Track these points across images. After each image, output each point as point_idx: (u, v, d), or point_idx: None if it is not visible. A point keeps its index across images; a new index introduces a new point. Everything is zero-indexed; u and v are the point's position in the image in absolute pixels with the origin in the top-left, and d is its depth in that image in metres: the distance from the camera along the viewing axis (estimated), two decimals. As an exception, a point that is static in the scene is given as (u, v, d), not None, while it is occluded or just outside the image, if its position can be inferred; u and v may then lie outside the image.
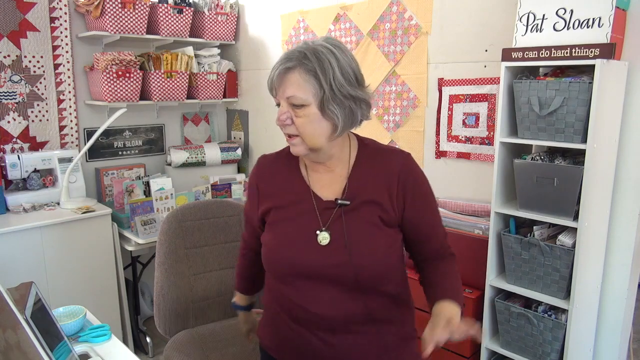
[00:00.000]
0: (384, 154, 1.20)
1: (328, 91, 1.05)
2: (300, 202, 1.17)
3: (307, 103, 1.05)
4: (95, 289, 2.49)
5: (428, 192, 1.21)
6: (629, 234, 1.78)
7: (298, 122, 1.07)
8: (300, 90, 1.05)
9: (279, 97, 1.08)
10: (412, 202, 1.16)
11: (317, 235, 1.12)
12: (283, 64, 1.06)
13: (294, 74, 1.05)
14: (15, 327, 0.87)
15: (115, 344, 1.31)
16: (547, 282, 1.73)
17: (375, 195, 1.14)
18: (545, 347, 1.75)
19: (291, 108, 1.07)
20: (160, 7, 2.76)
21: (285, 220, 1.18)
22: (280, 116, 1.08)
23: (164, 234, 1.84)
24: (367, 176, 1.16)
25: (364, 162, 1.18)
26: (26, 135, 2.62)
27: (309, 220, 1.14)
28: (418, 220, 1.17)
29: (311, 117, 1.06)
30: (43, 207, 2.50)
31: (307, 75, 1.04)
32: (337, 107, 1.07)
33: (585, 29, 1.60)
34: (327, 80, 1.04)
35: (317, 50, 1.06)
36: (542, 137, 1.68)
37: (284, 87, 1.06)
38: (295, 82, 1.05)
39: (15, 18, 2.50)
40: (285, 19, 2.92)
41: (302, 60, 1.05)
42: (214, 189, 2.91)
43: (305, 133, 1.08)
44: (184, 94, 2.95)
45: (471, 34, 2.11)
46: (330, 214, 1.14)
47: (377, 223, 1.13)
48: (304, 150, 1.11)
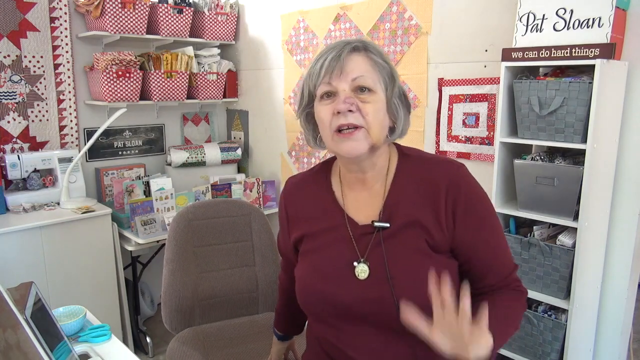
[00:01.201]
0: (429, 164, 1.01)
1: (397, 83, 0.95)
2: (334, 229, 1.01)
3: (375, 88, 0.92)
4: (95, 289, 2.49)
5: (486, 210, 0.99)
6: (629, 234, 1.78)
7: (367, 108, 0.91)
8: (369, 72, 0.92)
9: (338, 82, 0.91)
10: (464, 223, 0.95)
11: (355, 267, 0.96)
12: (345, 45, 0.92)
13: (360, 55, 0.92)
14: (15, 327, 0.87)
15: (115, 344, 1.31)
16: (547, 282, 1.73)
17: (418, 215, 0.96)
18: (545, 347, 1.75)
19: (354, 95, 0.91)
20: (160, 7, 2.76)
21: (318, 250, 1.02)
22: (345, 99, 0.90)
23: (172, 231, 1.85)
24: (409, 192, 0.98)
25: (406, 175, 1.01)
26: (26, 135, 2.62)
27: (344, 250, 0.99)
28: (472, 245, 0.97)
29: (379, 105, 0.92)
30: (43, 207, 2.50)
31: (375, 60, 0.93)
32: (400, 104, 0.96)
33: (585, 29, 1.60)
34: (392, 70, 0.94)
35: (372, 43, 0.96)
36: (542, 137, 1.68)
37: (349, 68, 0.90)
38: (365, 63, 0.92)
39: (15, 18, 2.50)
40: (285, 19, 2.92)
41: (366, 45, 0.94)
42: (214, 189, 2.91)
43: (373, 122, 0.91)
44: (184, 94, 2.95)
45: (471, 34, 2.11)
46: (369, 242, 0.97)
47: (424, 249, 0.95)
48: (366, 146, 0.92)
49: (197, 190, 2.83)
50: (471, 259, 0.98)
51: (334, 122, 0.91)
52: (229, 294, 1.91)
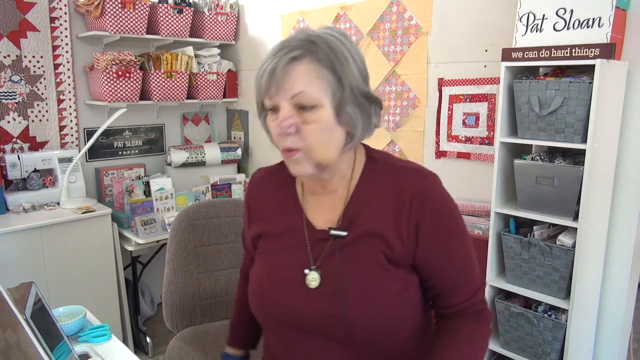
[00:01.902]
0: (397, 171, 0.92)
1: (348, 88, 0.82)
2: (291, 231, 0.95)
3: (319, 103, 0.81)
4: (95, 289, 2.48)
5: (455, 226, 0.90)
6: (629, 234, 1.78)
7: (307, 130, 0.81)
8: (311, 86, 0.80)
9: (277, 98, 0.82)
10: (429, 238, 0.88)
11: (306, 275, 0.90)
12: (285, 53, 0.80)
13: (301, 65, 0.80)
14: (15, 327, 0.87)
15: (115, 344, 1.31)
16: (547, 282, 1.73)
17: (379, 225, 0.88)
18: (545, 347, 1.75)
19: (297, 111, 0.81)
20: (160, 7, 2.76)
21: (273, 253, 0.96)
22: (281, 123, 0.81)
23: (174, 230, 1.86)
24: (372, 200, 0.90)
25: (371, 181, 0.93)
26: (26, 135, 2.62)
27: (299, 255, 0.92)
28: (437, 263, 0.90)
29: (324, 123, 0.82)
30: (43, 207, 2.50)
31: (320, 66, 0.80)
32: (356, 109, 0.84)
33: (585, 29, 1.60)
34: (344, 73, 0.82)
35: (325, 38, 0.83)
36: (542, 137, 1.68)
37: (289, 83, 0.80)
38: (305, 75, 0.80)
39: (15, 18, 2.50)
40: (285, 19, 2.92)
41: (310, 47, 0.81)
42: (214, 189, 2.91)
43: (315, 145, 0.82)
44: (184, 94, 2.95)
45: (471, 34, 2.11)
46: (323, 248, 0.91)
47: (381, 262, 0.87)
48: (310, 168, 0.85)
49: (197, 190, 2.83)
50: (435, 277, 0.91)
51: (279, 142, 0.85)
52: (230, 294, 1.91)
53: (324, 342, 0.89)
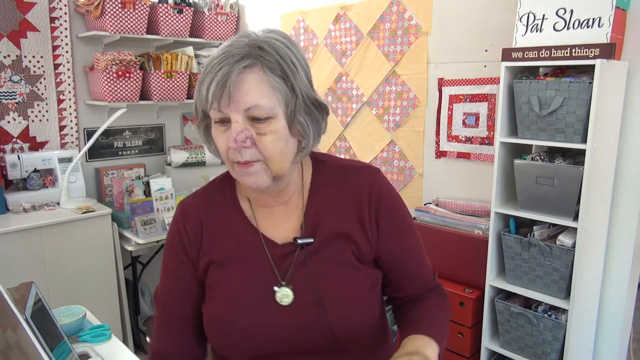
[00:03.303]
0: (347, 171, 0.93)
1: (299, 96, 0.80)
2: (248, 252, 0.89)
3: (273, 114, 0.78)
4: (95, 289, 2.48)
5: (406, 216, 0.95)
6: (629, 234, 1.78)
7: (264, 141, 0.78)
8: (265, 97, 0.77)
9: (229, 111, 0.77)
10: (388, 231, 0.91)
11: (275, 293, 0.85)
12: (236, 62, 0.76)
13: (252, 74, 0.76)
14: (15, 327, 0.87)
15: (115, 344, 1.31)
16: (547, 282, 1.73)
17: (344, 226, 0.88)
18: (545, 347, 1.75)
19: (250, 124, 0.78)
20: (160, 7, 2.76)
21: (231, 279, 0.88)
22: (236, 136, 0.77)
23: None
24: (329, 202, 0.90)
25: (324, 184, 0.92)
26: (26, 135, 2.62)
27: (262, 275, 0.87)
28: (397, 254, 0.93)
29: (279, 133, 0.79)
30: (43, 207, 2.50)
31: (272, 74, 0.77)
32: (307, 118, 0.82)
33: (585, 29, 1.60)
34: (296, 81, 0.79)
35: (272, 43, 0.79)
36: (542, 137, 1.68)
37: (241, 95, 0.76)
38: (258, 85, 0.76)
39: (15, 18, 2.50)
40: (285, 19, 2.92)
41: (259, 54, 0.77)
42: (214, 189, 2.91)
43: (273, 154, 0.79)
44: (184, 94, 2.95)
45: (471, 34, 2.11)
46: (290, 262, 0.87)
47: (352, 262, 0.88)
48: (267, 180, 0.82)
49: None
50: (396, 268, 0.93)
51: (230, 154, 0.80)
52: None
53: (307, 359, 0.86)
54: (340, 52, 2.66)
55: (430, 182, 2.35)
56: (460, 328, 1.97)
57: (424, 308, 0.94)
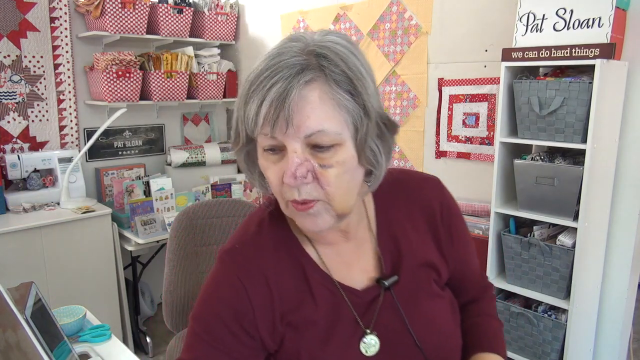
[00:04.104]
0: (410, 186, 0.80)
1: (372, 115, 0.64)
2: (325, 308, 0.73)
3: (340, 141, 0.62)
4: (95, 289, 2.48)
5: (466, 226, 0.87)
6: (629, 234, 1.78)
7: (327, 175, 0.63)
8: (331, 120, 0.61)
9: (284, 138, 0.61)
10: (458, 242, 0.82)
11: (360, 345, 0.72)
12: (295, 75, 0.59)
13: (316, 90, 0.60)
14: (15, 327, 0.87)
15: (115, 344, 1.31)
16: (547, 282, 1.73)
17: (423, 251, 0.77)
18: (545, 347, 1.75)
19: (310, 153, 0.62)
20: (160, 7, 2.76)
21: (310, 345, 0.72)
22: (294, 171, 0.61)
23: (174, 230, 1.86)
24: (403, 227, 0.77)
25: (389, 206, 0.79)
26: (26, 135, 2.62)
27: (346, 330, 0.73)
28: (464, 264, 0.85)
29: (346, 165, 0.63)
30: (43, 207, 2.50)
31: (338, 90, 0.61)
32: (378, 142, 0.67)
33: (585, 29, 1.60)
34: (366, 96, 0.62)
35: (334, 49, 0.62)
36: (542, 137, 1.68)
37: (302, 118, 0.59)
38: (321, 105, 0.60)
39: (15, 18, 2.50)
40: (285, 19, 2.92)
41: (322, 65, 0.61)
42: (214, 189, 2.91)
43: (336, 192, 0.64)
44: (184, 94, 2.95)
45: (471, 34, 2.11)
46: (375, 308, 0.74)
47: (436, 291, 0.78)
48: (331, 221, 0.67)
49: (197, 190, 2.83)
50: (461, 275, 0.85)
51: (284, 191, 0.65)
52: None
53: None
54: (340, 52, 2.66)
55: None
56: (460, 328, 1.97)
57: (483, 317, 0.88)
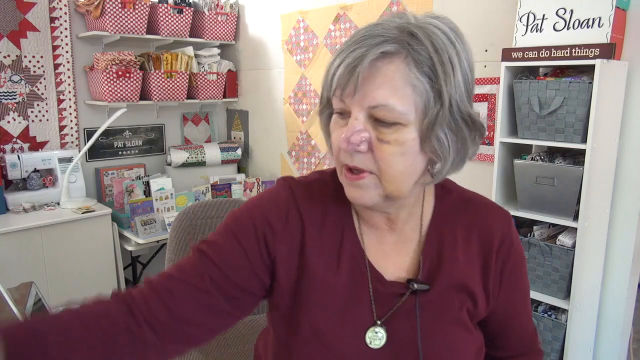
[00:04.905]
0: (477, 207, 0.77)
1: (447, 106, 0.62)
2: (348, 277, 0.72)
3: (404, 121, 0.61)
4: (95, 289, 2.48)
5: (526, 271, 0.81)
6: (629, 234, 1.78)
7: (383, 150, 0.62)
8: (399, 97, 0.60)
9: (351, 102, 0.62)
10: (510, 285, 0.76)
11: (367, 332, 0.70)
12: (377, 44, 0.60)
13: (391, 64, 0.60)
14: (15, 327, 0.87)
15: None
16: (547, 282, 1.73)
17: (466, 276, 0.73)
18: (545, 347, 1.75)
19: (372, 125, 0.62)
20: (160, 7, 2.76)
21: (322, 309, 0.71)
22: (350, 136, 0.62)
23: (174, 230, 1.86)
24: (452, 243, 0.74)
25: (448, 218, 0.76)
26: (26, 135, 2.62)
27: (359, 311, 0.71)
28: (509, 309, 0.79)
29: (406, 146, 0.62)
30: (43, 207, 2.50)
31: (416, 70, 0.60)
32: (450, 135, 0.64)
33: (585, 29, 1.60)
34: (447, 84, 0.62)
35: (431, 33, 0.62)
36: (542, 137, 1.68)
37: (370, 88, 0.60)
38: (394, 80, 0.60)
39: (15, 18, 2.50)
40: (285, 19, 2.92)
41: (408, 41, 0.61)
42: (214, 189, 2.91)
43: (391, 170, 0.63)
44: (184, 94, 2.95)
45: (471, 34, 2.10)
46: (394, 303, 0.71)
47: (466, 322, 0.73)
48: (377, 198, 0.66)
49: (197, 190, 2.83)
50: (504, 326, 0.80)
51: (340, 155, 0.65)
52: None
53: None
54: (340, 52, 2.65)
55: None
56: (460, 328, 1.97)
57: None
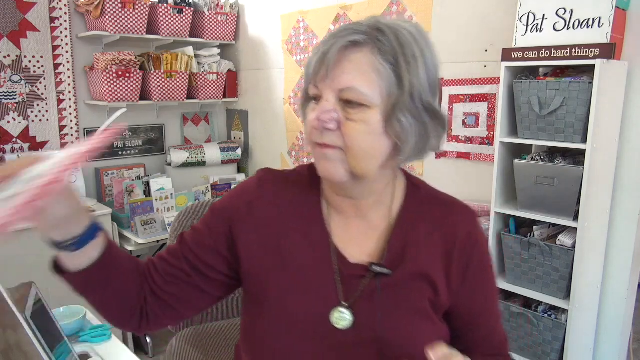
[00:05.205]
0: (443, 206, 0.83)
1: (407, 92, 0.69)
2: (314, 262, 0.77)
3: (369, 103, 0.68)
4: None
5: (493, 273, 0.84)
6: (629, 234, 1.78)
7: (349, 127, 0.69)
8: (364, 81, 0.68)
9: (323, 86, 0.70)
10: (473, 283, 0.80)
11: (332, 312, 0.74)
12: (346, 35, 0.68)
13: (359, 53, 0.68)
14: (15, 327, 0.87)
15: (115, 344, 1.31)
16: (547, 282, 1.73)
17: (429, 267, 0.77)
18: (545, 347, 1.75)
19: (341, 107, 0.69)
20: (160, 7, 2.76)
21: (291, 291, 0.76)
22: (321, 115, 0.69)
23: (174, 230, 1.86)
24: (419, 235, 0.78)
25: (417, 212, 0.81)
26: (26, 135, 2.62)
27: (324, 292, 0.75)
28: (473, 309, 0.82)
29: (370, 126, 0.69)
30: (43, 207, 2.50)
31: (381, 59, 0.68)
32: (412, 121, 0.70)
33: (585, 29, 1.60)
34: (408, 73, 0.69)
35: (398, 30, 0.69)
36: (542, 137, 1.68)
37: (339, 72, 0.68)
38: (360, 66, 0.68)
39: (15, 18, 2.50)
40: (285, 19, 2.92)
41: (377, 36, 0.68)
42: (214, 189, 2.91)
43: (355, 146, 0.69)
44: (184, 94, 2.95)
45: (471, 34, 2.11)
46: (357, 287, 0.75)
47: (427, 310, 0.77)
48: (343, 173, 0.71)
49: (197, 190, 2.83)
50: (468, 326, 0.82)
51: (312, 134, 0.72)
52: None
53: None
54: (340, 52, 2.66)
55: (430, 182, 2.34)
56: (460, 328, 1.97)
57: None
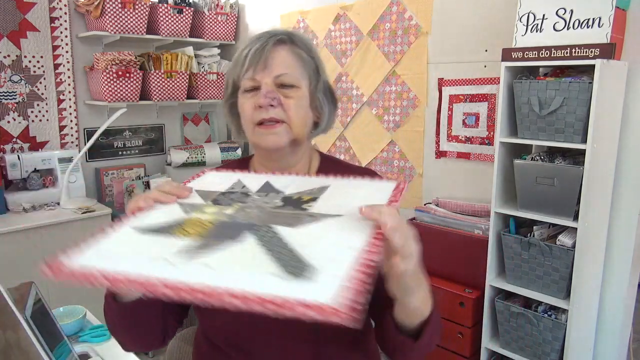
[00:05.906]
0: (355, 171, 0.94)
1: (322, 77, 0.94)
2: None
3: (299, 85, 0.90)
4: (95, 289, 2.47)
5: None
6: (629, 234, 1.78)
7: (288, 103, 0.89)
8: (294, 68, 0.90)
9: (261, 76, 0.88)
10: None
11: None
12: (272, 36, 0.89)
13: (284, 49, 0.90)
14: (15, 327, 0.87)
15: (115, 344, 1.31)
16: (547, 282, 1.73)
17: None
18: (545, 347, 1.75)
19: (277, 90, 0.89)
20: (160, 7, 2.76)
21: None
22: (265, 93, 0.87)
23: None
24: None
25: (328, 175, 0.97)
26: (26, 135, 2.62)
27: None
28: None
29: (302, 101, 0.91)
30: (43, 207, 2.50)
31: (300, 53, 0.91)
32: (325, 99, 0.95)
33: (585, 29, 1.60)
34: (317, 65, 0.93)
35: (301, 35, 0.94)
36: (542, 137, 1.68)
37: (273, 63, 0.88)
38: (287, 58, 0.90)
39: (15, 18, 2.50)
40: (285, 19, 2.92)
41: (292, 37, 0.92)
42: (214, 189, 2.91)
43: (294, 117, 0.89)
44: (184, 94, 2.95)
45: (471, 34, 2.11)
46: None
47: None
48: (287, 140, 0.91)
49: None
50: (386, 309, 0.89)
51: (255, 115, 0.89)
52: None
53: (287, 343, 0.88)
54: (340, 52, 2.66)
55: (430, 182, 2.35)
56: (460, 328, 1.97)
57: None
